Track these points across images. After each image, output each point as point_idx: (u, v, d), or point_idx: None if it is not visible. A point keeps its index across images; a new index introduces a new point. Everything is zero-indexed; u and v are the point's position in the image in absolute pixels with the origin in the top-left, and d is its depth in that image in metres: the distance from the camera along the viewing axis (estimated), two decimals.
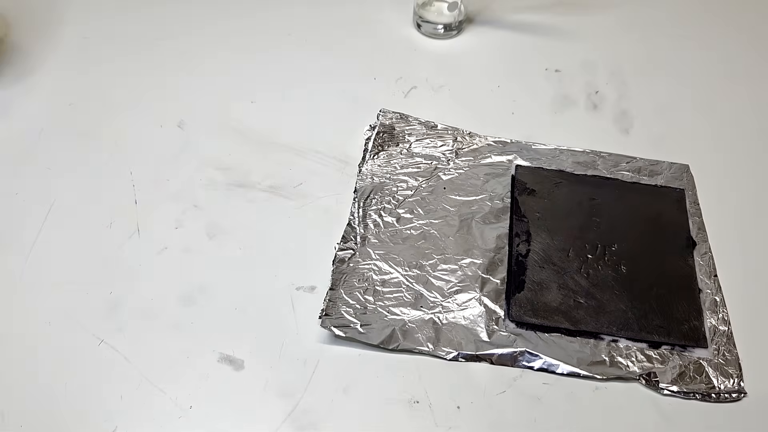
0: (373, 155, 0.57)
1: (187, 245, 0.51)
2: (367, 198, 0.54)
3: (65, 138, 0.58)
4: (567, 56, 0.68)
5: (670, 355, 0.47)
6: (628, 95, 0.65)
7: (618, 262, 0.51)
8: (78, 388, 0.44)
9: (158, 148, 0.58)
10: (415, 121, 0.60)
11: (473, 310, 0.48)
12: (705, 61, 0.69)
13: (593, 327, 0.48)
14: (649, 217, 0.54)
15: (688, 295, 0.50)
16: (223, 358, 0.46)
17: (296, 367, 0.46)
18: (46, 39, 0.65)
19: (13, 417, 0.42)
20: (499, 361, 0.46)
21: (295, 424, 0.43)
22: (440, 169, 0.57)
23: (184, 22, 0.69)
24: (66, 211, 0.53)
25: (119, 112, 0.60)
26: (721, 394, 0.45)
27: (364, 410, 0.44)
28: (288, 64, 0.65)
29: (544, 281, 0.50)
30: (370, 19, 0.70)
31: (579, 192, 0.56)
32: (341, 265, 0.50)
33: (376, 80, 0.65)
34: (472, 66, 0.67)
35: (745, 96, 0.66)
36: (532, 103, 0.64)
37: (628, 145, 0.60)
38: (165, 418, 0.43)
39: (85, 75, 0.63)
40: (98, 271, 0.49)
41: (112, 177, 0.55)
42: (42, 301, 0.48)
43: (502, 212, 0.54)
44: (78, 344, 0.46)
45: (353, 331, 0.46)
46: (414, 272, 0.50)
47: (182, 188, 0.55)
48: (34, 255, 0.50)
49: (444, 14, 0.68)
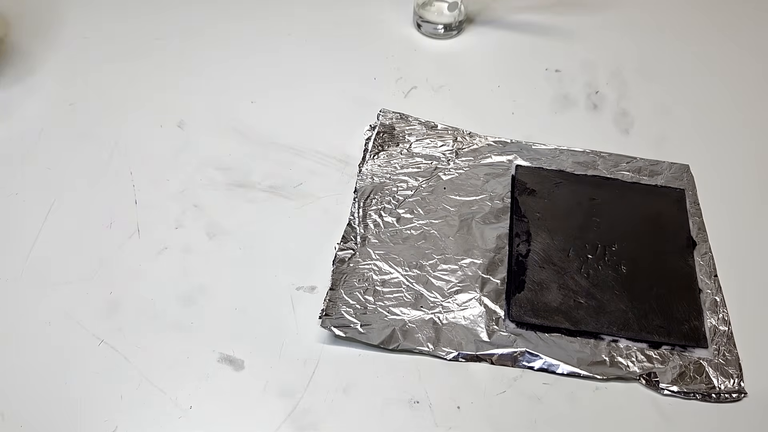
0: (373, 155, 0.57)
1: (187, 245, 0.51)
2: (367, 198, 0.54)
3: (65, 138, 0.58)
4: (567, 56, 0.68)
5: (670, 355, 0.47)
6: (628, 95, 0.65)
7: (618, 262, 0.51)
8: (78, 389, 0.44)
9: (158, 148, 0.58)
10: (415, 121, 0.60)
11: (473, 310, 0.48)
12: (705, 61, 0.69)
13: (593, 327, 0.48)
14: (649, 217, 0.54)
15: (689, 295, 0.50)
16: (223, 358, 0.46)
17: (296, 367, 0.46)
18: (46, 39, 0.65)
19: (13, 417, 0.42)
20: (499, 361, 0.46)
21: (295, 424, 0.43)
22: (440, 169, 0.57)
23: (184, 22, 0.69)
24: (66, 211, 0.53)
25: (119, 112, 0.60)
26: (721, 394, 0.45)
27: (364, 410, 0.44)
28: (288, 64, 0.65)
29: (545, 281, 0.50)
30: (370, 19, 0.70)
31: (579, 192, 0.56)
32: (341, 265, 0.50)
33: (376, 80, 0.65)
34: (472, 66, 0.67)
35: (745, 96, 0.66)
36: (532, 103, 0.64)
37: (628, 145, 0.60)
38: (165, 418, 0.43)
39: (85, 75, 0.63)
40: (98, 271, 0.49)
41: (112, 177, 0.55)
42: (42, 301, 0.48)
43: (502, 212, 0.54)
44: (78, 344, 0.46)
45: (353, 331, 0.46)
46: (414, 272, 0.50)
47: (182, 188, 0.55)
48: (34, 255, 0.50)
49: (444, 14, 0.68)
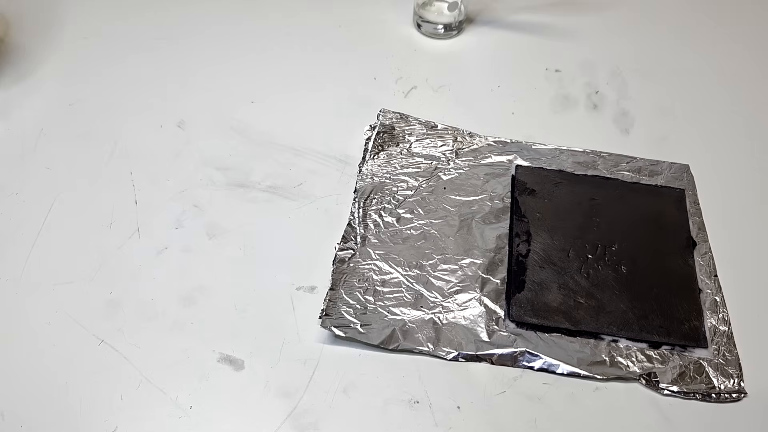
0: (373, 155, 0.57)
1: (187, 245, 0.51)
2: (367, 198, 0.54)
3: (65, 138, 0.58)
4: (567, 56, 0.68)
5: (670, 355, 0.47)
6: (628, 95, 0.65)
7: (618, 262, 0.51)
8: (78, 388, 0.44)
9: (158, 148, 0.57)
10: (415, 121, 0.60)
11: (473, 310, 0.48)
12: (705, 61, 0.69)
13: (593, 327, 0.48)
14: (649, 217, 0.54)
15: (689, 295, 0.50)
16: (223, 358, 0.46)
17: (296, 367, 0.46)
18: (46, 39, 0.65)
19: (13, 417, 0.42)
20: (499, 361, 0.46)
21: (295, 424, 0.43)
22: (440, 169, 0.57)
23: (184, 22, 0.69)
24: (66, 211, 0.53)
25: (119, 112, 0.60)
26: (721, 394, 0.45)
27: (364, 410, 0.44)
28: (288, 64, 0.65)
29: (545, 281, 0.50)
30: (370, 19, 0.70)
31: (579, 192, 0.56)
32: (341, 265, 0.50)
33: (376, 80, 0.65)
34: (472, 66, 0.67)
35: (745, 96, 0.66)
36: (532, 103, 0.64)
37: (628, 145, 0.60)
38: (165, 418, 0.43)
39: (84, 75, 0.63)
40: (98, 271, 0.49)
41: (112, 177, 0.55)
42: (42, 301, 0.48)
43: (502, 212, 0.54)
44: (78, 344, 0.46)
45: (353, 331, 0.46)
46: (414, 272, 0.50)
47: (182, 188, 0.55)
48: (34, 255, 0.50)
49: (444, 14, 0.68)
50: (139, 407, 0.43)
